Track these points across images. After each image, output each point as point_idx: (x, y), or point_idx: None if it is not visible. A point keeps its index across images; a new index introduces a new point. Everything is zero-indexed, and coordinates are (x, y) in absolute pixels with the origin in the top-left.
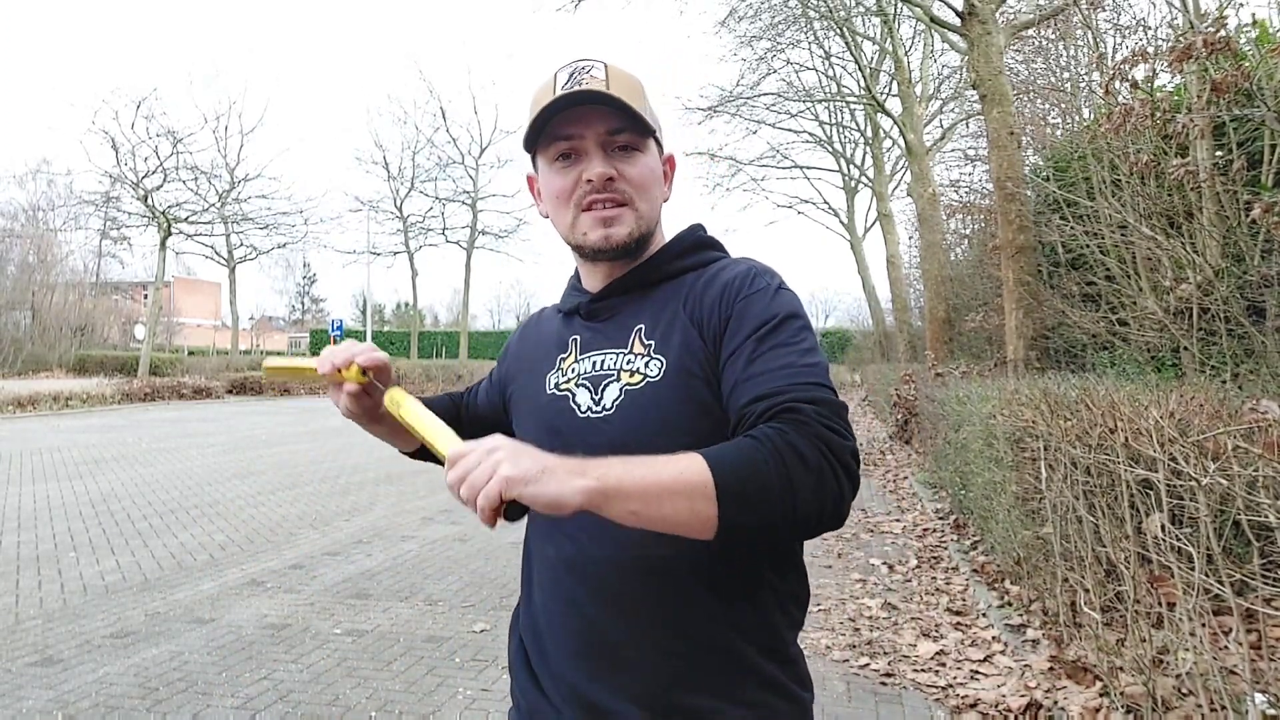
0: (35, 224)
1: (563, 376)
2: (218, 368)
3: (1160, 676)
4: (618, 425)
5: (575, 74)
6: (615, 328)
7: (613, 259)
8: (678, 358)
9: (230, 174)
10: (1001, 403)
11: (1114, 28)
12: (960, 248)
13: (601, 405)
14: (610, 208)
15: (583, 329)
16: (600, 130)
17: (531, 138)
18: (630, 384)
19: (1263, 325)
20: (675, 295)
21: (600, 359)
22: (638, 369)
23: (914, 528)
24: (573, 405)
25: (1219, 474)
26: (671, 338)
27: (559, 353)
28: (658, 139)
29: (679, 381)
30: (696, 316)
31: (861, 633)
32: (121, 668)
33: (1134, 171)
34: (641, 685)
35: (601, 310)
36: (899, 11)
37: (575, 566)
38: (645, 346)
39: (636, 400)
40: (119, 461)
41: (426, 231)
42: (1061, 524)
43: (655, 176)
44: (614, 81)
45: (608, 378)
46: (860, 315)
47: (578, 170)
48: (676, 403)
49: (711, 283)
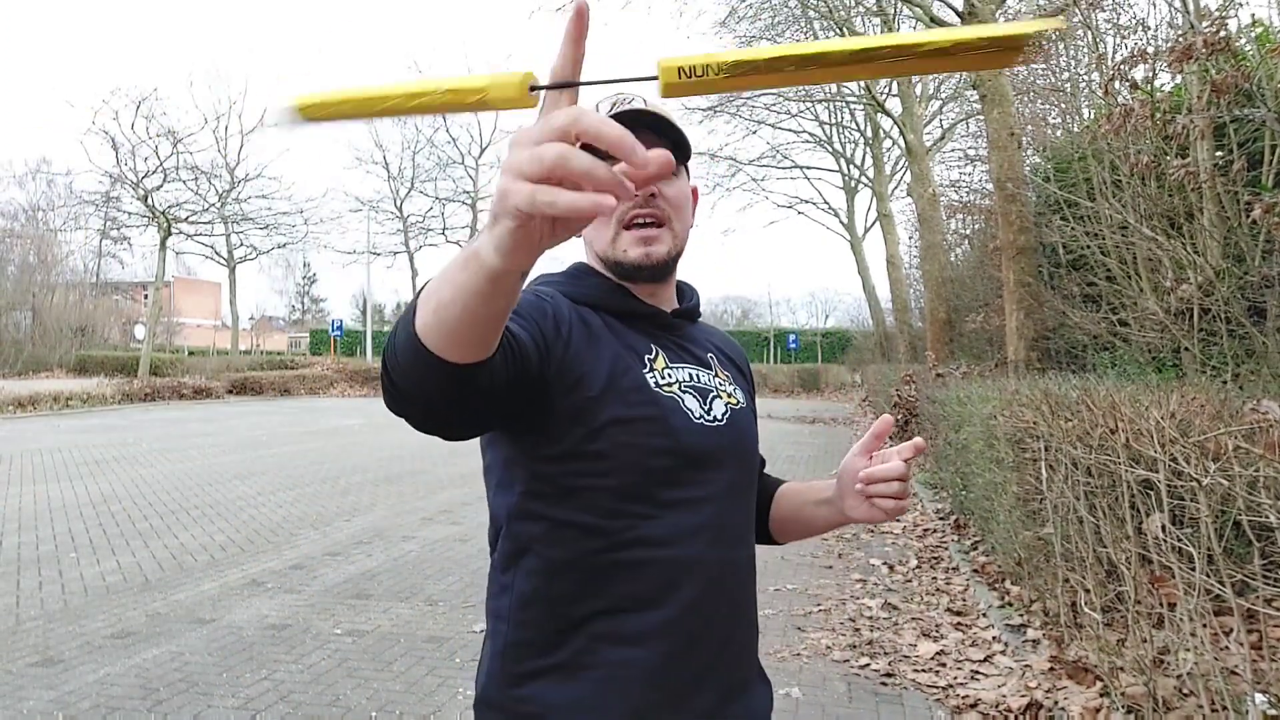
0: (35, 224)
1: (660, 377)
2: (218, 368)
3: (1161, 677)
4: (730, 438)
5: (617, 103)
6: (693, 350)
7: (651, 277)
8: (747, 393)
9: (230, 174)
10: (1002, 403)
11: (1114, 28)
12: (960, 248)
13: (713, 416)
14: (651, 226)
15: (659, 339)
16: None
17: None
18: (732, 404)
19: (1263, 326)
20: (710, 338)
21: (694, 373)
22: (731, 392)
23: (914, 528)
24: (684, 408)
25: (1220, 474)
26: (739, 376)
27: (644, 353)
28: (688, 169)
29: (752, 413)
30: (739, 364)
31: (862, 633)
32: (122, 668)
33: (1134, 172)
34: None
35: (675, 327)
36: (899, 11)
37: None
38: (725, 375)
39: (739, 419)
40: (119, 462)
41: (426, 231)
42: (1062, 524)
43: (688, 201)
44: (655, 107)
45: (711, 392)
46: (860, 315)
47: None
48: (755, 429)
49: (728, 340)
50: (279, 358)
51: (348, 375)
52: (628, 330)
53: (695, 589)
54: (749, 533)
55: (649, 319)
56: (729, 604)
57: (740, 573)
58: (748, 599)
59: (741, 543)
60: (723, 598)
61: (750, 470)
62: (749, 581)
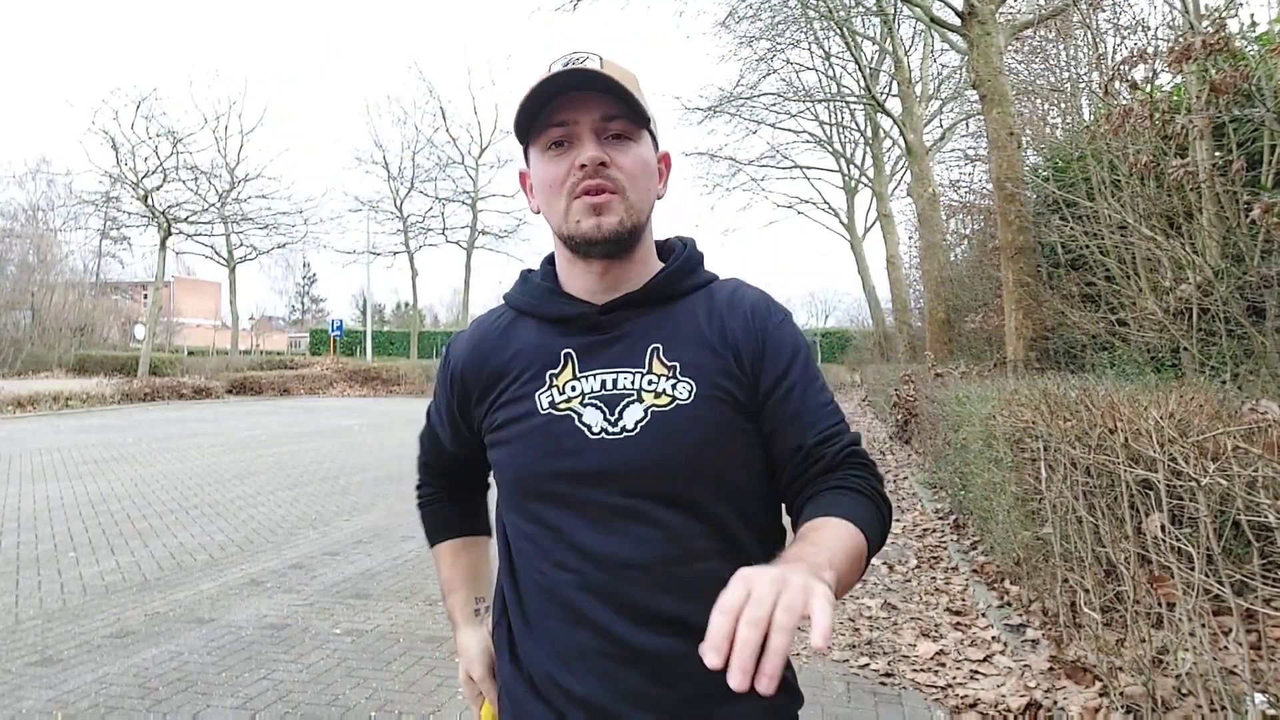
0: (35, 224)
1: (560, 395)
2: (218, 368)
3: (1160, 677)
4: (643, 447)
5: (570, 62)
6: (625, 345)
7: (605, 253)
8: (710, 380)
9: (230, 174)
10: (1001, 403)
11: (1114, 28)
12: (960, 248)
13: (620, 426)
14: (602, 195)
15: (579, 343)
16: (594, 115)
17: (524, 123)
18: (657, 405)
19: (1262, 326)
20: (690, 315)
21: (611, 378)
22: (664, 390)
23: (914, 528)
24: (580, 425)
25: (1219, 474)
26: (700, 360)
27: (548, 368)
28: (652, 132)
29: (710, 404)
30: (728, 340)
31: (861, 633)
32: (121, 668)
33: (1134, 172)
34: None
35: (606, 324)
36: (899, 11)
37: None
38: (668, 367)
39: (666, 422)
40: (119, 461)
41: (426, 231)
42: (1061, 524)
43: (648, 168)
44: (609, 69)
45: (626, 398)
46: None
47: (570, 157)
48: (709, 425)
49: (733, 306)
50: (279, 358)
51: (347, 375)
52: (545, 338)
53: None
54: (706, 542)
55: (573, 321)
56: (671, 625)
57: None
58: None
59: (685, 556)
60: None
61: (685, 476)
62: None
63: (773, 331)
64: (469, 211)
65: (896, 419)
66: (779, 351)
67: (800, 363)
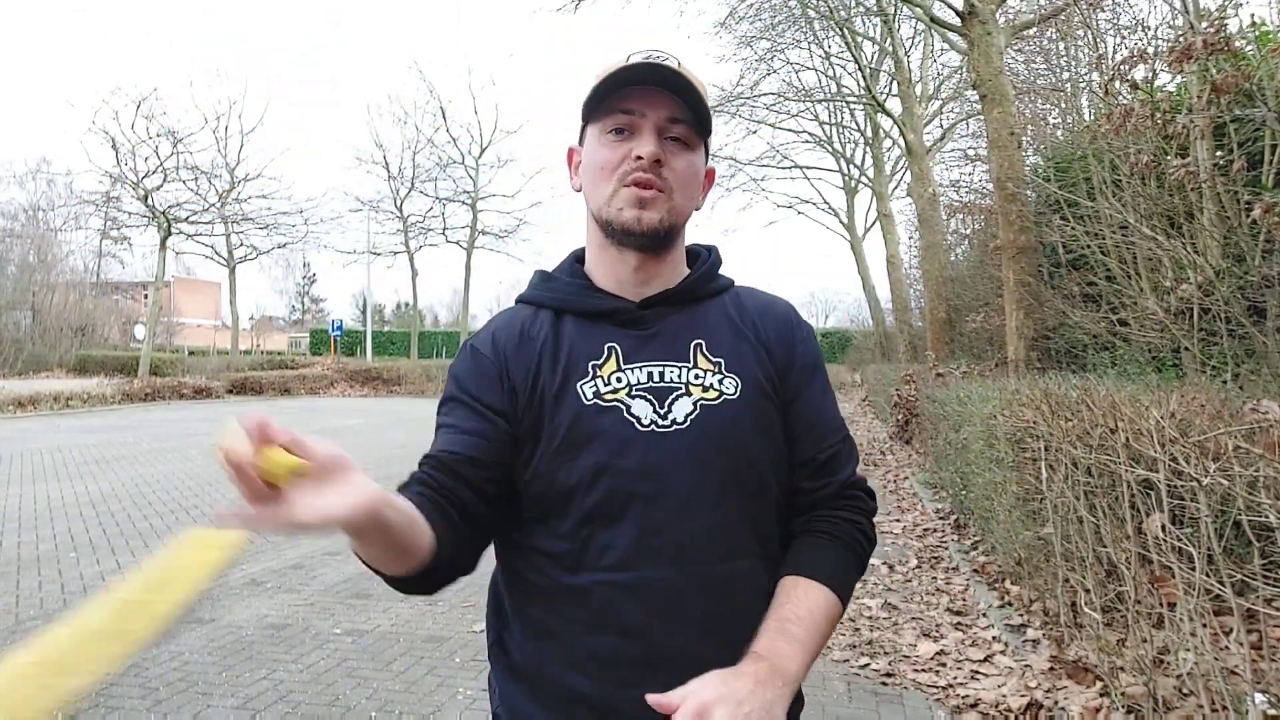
0: (35, 224)
1: (605, 385)
2: (218, 368)
3: (1161, 676)
4: (693, 440)
5: (651, 56)
6: (668, 340)
7: (640, 245)
8: (753, 379)
9: (230, 174)
10: (1002, 403)
11: (1114, 28)
12: (960, 248)
13: (670, 419)
14: (650, 189)
15: (622, 336)
16: (662, 114)
17: (593, 103)
18: (706, 399)
19: (1263, 325)
20: (723, 315)
21: (658, 370)
22: (711, 385)
23: (914, 528)
24: (629, 417)
25: (1220, 474)
26: (744, 358)
27: (590, 359)
28: (707, 146)
29: (755, 402)
30: (763, 341)
31: (862, 633)
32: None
33: (1134, 172)
34: None
35: (646, 319)
36: (899, 11)
37: (627, 587)
38: (713, 363)
39: (715, 416)
40: (119, 462)
41: (426, 231)
42: (1062, 524)
43: (697, 178)
44: (687, 73)
45: (675, 391)
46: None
47: (628, 146)
48: (753, 422)
49: (765, 311)
50: (279, 357)
51: (348, 375)
52: (586, 332)
53: (641, 613)
54: (745, 540)
55: (611, 315)
56: (698, 626)
57: (722, 588)
58: (735, 617)
59: (727, 554)
60: (687, 620)
61: (734, 468)
62: (740, 597)
63: (801, 340)
64: (469, 211)
65: (897, 419)
66: (806, 360)
67: (822, 375)
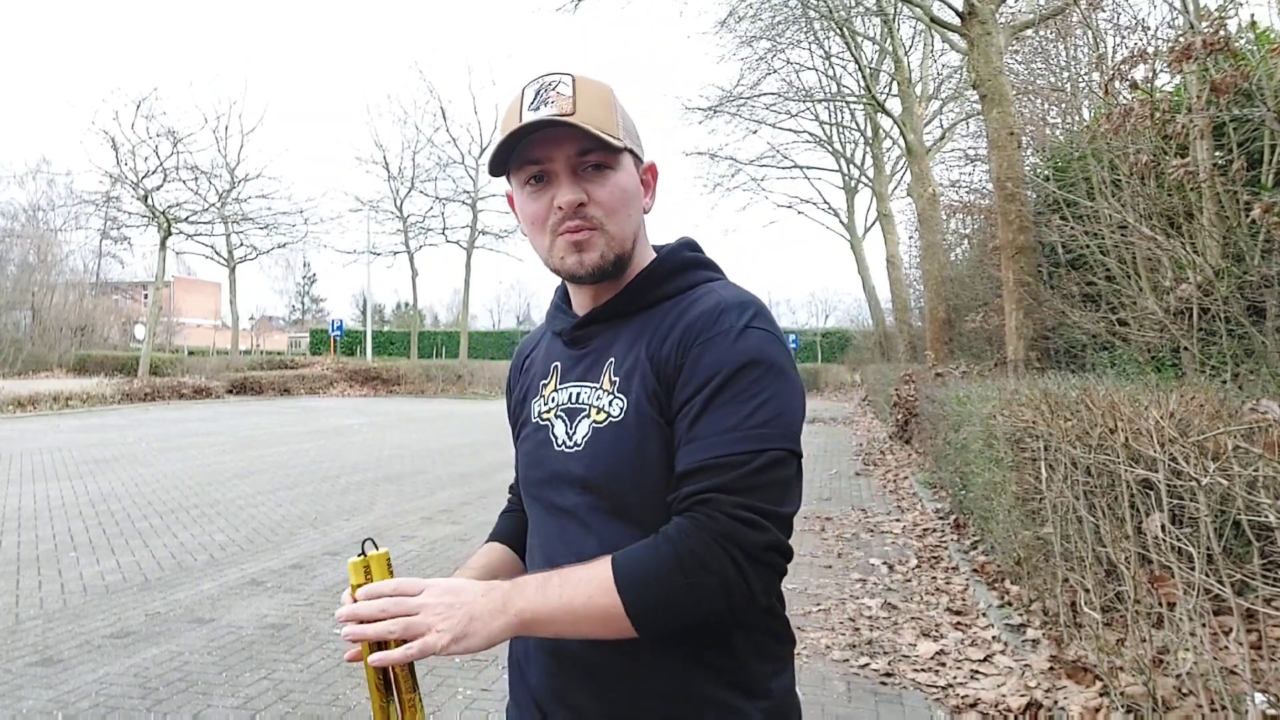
0: (35, 224)
1: (544, 405)
2: (218, 368)
3: (1160, 676)
4: (586, 462)
5: (541, 91)
6: (592, 359)
7: (592, 281)
8: (636, 399)
9: (230, 174)
10: (1001, 403)
11: (1114, 28)
12: (960, 248)
13: (574, 440)
14: (581, 232)
15: (564, 355)
16: (569, 151)
17: (499, 164)
18: (597, 421)
19: (1263, 325)
20: (654, 327)
21: (576, 391)
22: (603, 406)
23: (914, 528)
24: (551, 436)
25: (1219, 474)
26: (633, 377)
27: (541, 378)
28: (632, 150)
29: (638, 423)
30: (657, 357)
31: (861, 632)
32: (121, 668)
33: (1134, 172)
34: None
35: (582, 338)
36: (899, 12)
37: None
38: (612, 384)
39: (601, 438)
40: (119, 461)
41: (426, 231)
42: (1062, 524)
43: (629, 195)
44: (582, 97)
45: (581, 412)
46: (860, 315)
47: (549, 194)
48: (638, 444)
49: (679, 319)
50: (279, 357)
51: (348, 375)
52: (548, 351)
53: None
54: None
55: (561, 335)
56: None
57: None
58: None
59: None
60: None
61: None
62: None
63: (697, 348)
64: (469, 211)
65: (897, 419)
66: (694, 371)
67: (718, 381)
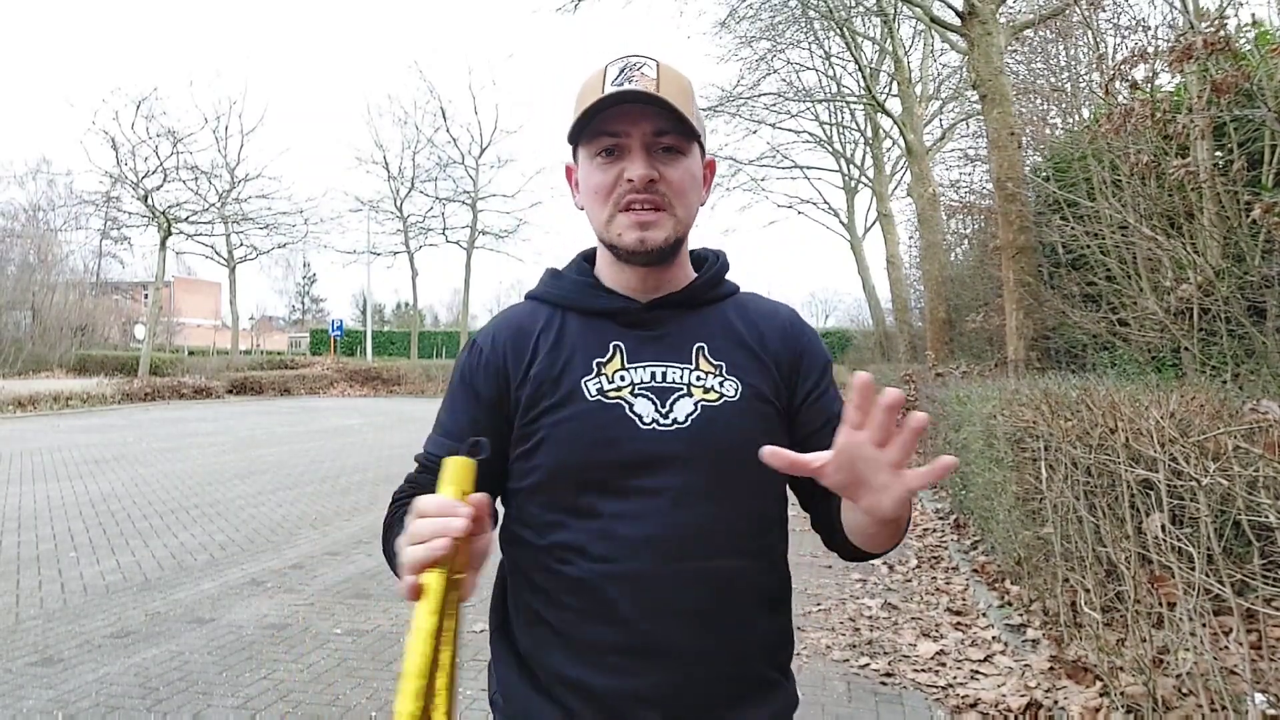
0: (35, 224)
1: (609, 383)
2: (218, 368)
3: (1160, 676)
4: (693, 439)
5: (626, 70)
6: (671, 342)
7: (646, 263)
8: (753, 382)
9: (230, 174)
10: (1002, 403)
11: (1114, 28)
12: (960, 248)
13: (671, 418)
14: (648, 210)
15: (626, 336)
16: (646, 129)
17: (576, 132)
18: (707, 400)
19: (1263, 325)
20: (724, 321)
21: (660, 370)
22: (712, 387)
23: (914, 527)
24: (631, 415)
25: (1219, 474)
26: (744, 362)
27: (596, 356)
28: (701, 143)
29: (755, 405)
30: (767, 347)
31: (861, 633)
32: (121, 668)
33: (1134, 172)
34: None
35: (650, 320)
36: (899, 11)
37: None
38: (714, 366)
39: (716, 418)
40: (119, 461)
41: (426, 231)
42: (1062, 524)
43: (695, 181)
44: (664, 81)
45: (676, 391)
46: (860, 315)
47: (619, 168)
48: (752, 425)
49: (768, 320)
50: (279, 357)
51: (348, 375)
52: (591, 330)
53: (630, 605)
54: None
55: (616, 315)
56: (686, 619)
57: (712, 584)
58: (726, 613)
59: (718, 551)
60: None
61: (731, 467)
62: (731, 593)
63: (807, 344)
64: (469, 211)
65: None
66: (814, 362)
67: (831, 374)
